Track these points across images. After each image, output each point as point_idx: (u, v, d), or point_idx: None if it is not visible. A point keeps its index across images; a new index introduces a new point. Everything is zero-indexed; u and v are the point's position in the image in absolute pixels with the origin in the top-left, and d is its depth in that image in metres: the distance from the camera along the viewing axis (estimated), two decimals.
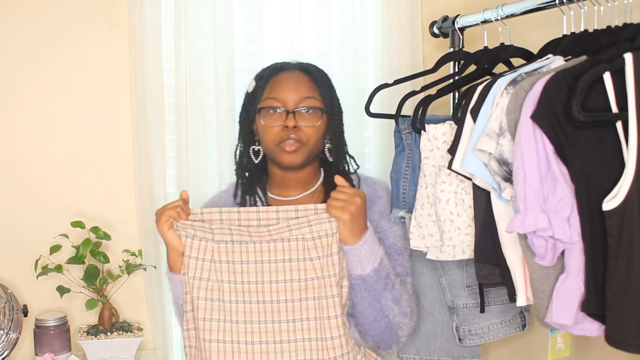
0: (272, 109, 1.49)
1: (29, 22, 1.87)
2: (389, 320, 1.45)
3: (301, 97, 1.49)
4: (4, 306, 1.81)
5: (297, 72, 1.54)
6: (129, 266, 1.87)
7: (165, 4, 1.90)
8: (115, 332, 1.85)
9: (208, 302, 1.38)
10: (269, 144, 1.50)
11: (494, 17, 1.59)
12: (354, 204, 1.38)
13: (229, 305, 1.38)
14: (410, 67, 2.03)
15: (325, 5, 2.02)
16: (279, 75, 1.53)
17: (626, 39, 1.21)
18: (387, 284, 1.43)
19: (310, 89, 1.51)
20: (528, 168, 1.17)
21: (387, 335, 1.47)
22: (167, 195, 1.93)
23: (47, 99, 1.91)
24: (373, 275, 1.41)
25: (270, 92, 1.51)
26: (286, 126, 1.46)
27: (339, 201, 1.38)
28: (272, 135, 1.49)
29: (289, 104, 1.49)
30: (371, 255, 1.41)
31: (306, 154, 1.50)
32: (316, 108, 1.50)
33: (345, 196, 1.38)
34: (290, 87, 1.50)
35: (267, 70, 1.56)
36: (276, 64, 1.57)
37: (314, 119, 1.50)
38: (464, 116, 1.35)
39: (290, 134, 1.47)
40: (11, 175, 1.90)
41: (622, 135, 1.13)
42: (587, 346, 1.70)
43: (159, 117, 1.89)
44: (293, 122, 1.47)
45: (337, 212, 1.37)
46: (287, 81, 1.51)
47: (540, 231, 1.17)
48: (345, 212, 1.36)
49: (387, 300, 1.44)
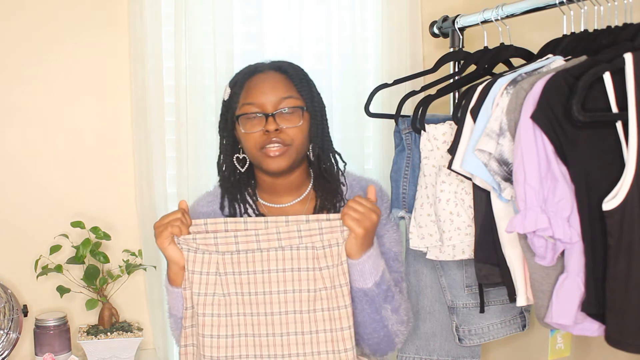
0: (250, 115, 1.42)
1: (30, 23, 1.87)
2: (387, 329, 1.44)
3: (279, 97, 1.42)
4: (4, 306, 1.81)
5: (272, 72, 1.47)
6: (129, 266, 1.87)
7: (165, 4, 1.90)
8: (115, 332, 1.85)
9: (215, 319, 1.33)
10: (252, 150, 1.43)
11: (494, 17, 1.59)
12: (370, 220, 1.33)
13: (236, 319, 1.33)
14: (410, 67, 2.03)
15: (325, 5, 2.02)
16: (253, 78, 1.46)
17: (626, 39, 1.21)
18: (387, 296, 1.40)
19: (287, 88, 1.44)
20: (528, 168, 1.17)
21: (384, 343, 1.46)
22: (167, 195, 1.93)
23: (48, 99, 1.91)
24: (375, 289, 1.38)
25: (247, 97, 1.43)
26: (267, 130, 1.39)
27: (357, 213, 1.33)
28: (253, 141, 1.42)
29: (267, 106, 1.41)
30: (374, 269, 1.37)
31: (292, 156, 1.43)
32: (296, 107, 1.43)
33: (363, 209, 1.33)
34: (266, 90, 1.42)
35: (240, 74, 1.48)
36: (249, 66, 1.51)
37: (295, 119, 1.42)
38: (464, 116, 1.35)
39: (272, 138, 1.40)
40: (11, 175, 1.90)
41: (622, 135, 1.13)
42: (587, 346, 1.70)
43: (159, 117, 1.89)
44: (274, 126, 1.39)
45: (353, 224, 1.32)
46: (262, 83, 1.43)
47: (540, 231, 1.17)
48: (360, 226, 1.32)
49: (386, 311, 1.41)
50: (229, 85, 1.50)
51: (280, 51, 1.98)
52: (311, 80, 1.50)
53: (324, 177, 1.51)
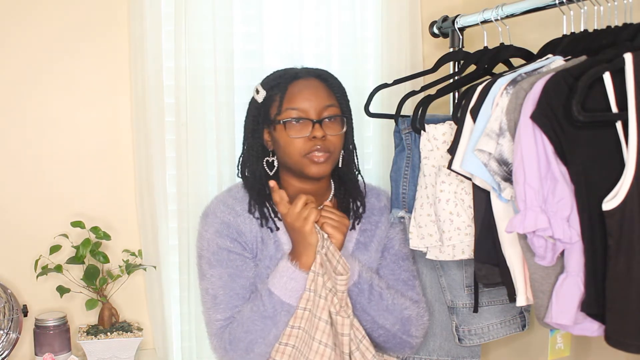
0: (294, 120, 1.44)
1: (29, 24, 1.87)
2: (386, 329, 1.48)
3: (323, 105, 1.45)
4: (4, 306, 1.81)
5: (313, 79, 1.49)
6: (128, 266, 1.87)
7: (165, 4, 1.90)
8: (115, 332, 1.85)
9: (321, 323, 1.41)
10: (295, 156, 1.45)
11: (493, 17, 1.59)
12: (345, 225, 1.45)
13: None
14: (410, 67, 2.03)
15: (325, 5, 2.01)
16: (295, 83, 1.47)
17: (626, 39, 1.21)
18: (371, 297, 1.46)
19: (329, 96, 1.48)
20: (528, 168, 1.17)
21: (392, 342, 1.51)
22: (167, 195, 1.93)
23: (47, 99, 1.91)
24: (354, 289, 1.45)
25: (290, 102, 1.45)
26: (314, 137, 1.42)
27: (333, 220, 1.43)
28: (298, 147, 1.44)
29: (312, 113, 1.44)
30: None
31: (333, 163, 1.48)
32: (338, 116, 1.48)
33: (337, 217, 1.44)
34: (310, 96, 1.45)
35: (280, 79, 1.49)
36: (286, 70, 1.52)
37: (337, 127, 1.47)
38: (463, 116, 1.35)
39: (318, 145, 1.43)
40: (11, 175, 1.90)
41: (622, 136, 1.13)
42: (587, 346, 1.70)
43: (159, 117, 1.89)
44: (321, 132, 1.43)
45: (333, 231, 1.42)
46: (305, 90, 1.46)
47: (540, 231, 1.17)
48: (339, 231, 1.43)
49: (376, 312, 1.46)
50: (264, 87, 1.49)
51: (280, 51, 1.98)
52: (345, 90, 1.55)
53: (345, 184, 1.56)
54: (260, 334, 1.41)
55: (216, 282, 1.47)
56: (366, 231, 1.57)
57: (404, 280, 1.56)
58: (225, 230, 1.48)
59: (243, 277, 1.48)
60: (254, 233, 1.49)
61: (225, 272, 1.47)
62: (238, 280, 1.47)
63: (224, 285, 1.47)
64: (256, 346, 1.42)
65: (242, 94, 1.91)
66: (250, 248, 1.49)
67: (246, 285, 1.47)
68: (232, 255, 1.48)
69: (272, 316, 1.41)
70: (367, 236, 1.56)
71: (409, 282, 1.56)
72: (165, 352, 1.96)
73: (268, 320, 1.41)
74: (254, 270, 1.49)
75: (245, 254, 1.49)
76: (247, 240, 1.49)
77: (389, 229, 1.59)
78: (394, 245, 1.57)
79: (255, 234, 1.49)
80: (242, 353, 1.43)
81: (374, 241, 1.57)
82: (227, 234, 1.48)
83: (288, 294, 1.40)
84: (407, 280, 1.56)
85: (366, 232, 1.57)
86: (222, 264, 1.48)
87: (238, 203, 1.52)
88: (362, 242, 1.56)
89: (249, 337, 1.42)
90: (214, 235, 1.49)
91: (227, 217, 1.50)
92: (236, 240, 1.48)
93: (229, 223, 1.49)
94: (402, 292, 1.54)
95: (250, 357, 1.43)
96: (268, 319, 1.41)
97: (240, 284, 1.47)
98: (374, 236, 1.57)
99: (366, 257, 1.54)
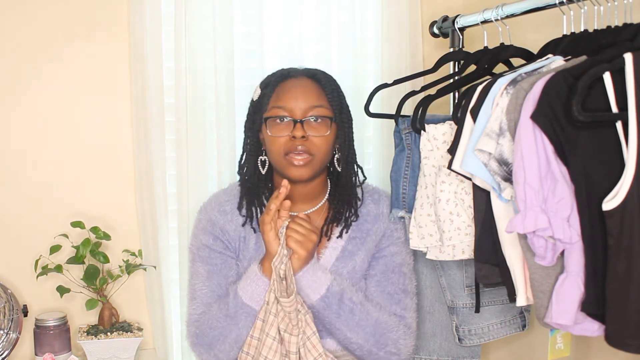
0: (278, 118, 1.43)
1: (29, 23, 1.87)
2: (359, 344, 1.44)
3: (309, 105, 1.43)
4: (4, 306, 1.81)
5: (305, 79, 1.47)
6: (128, 266, 1.88)
7: (165, 4, 1.90)
8: (115, 332, 1.85)
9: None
10: (276, 155, 1.44)
11: (494, 17, 1.59)
12: (311, 241, 1.39)
13: None
14: (410, 67, 2.03)
15: (325, 5, 2.02)
16: (286, 82, 1.46)
17: (626, 39, 1.21)
18: (340, 311, 1.41)
19: (318, 96, 1.45)
20: (528, 168, 1.17)
21: (369, 358, 1.46)
22: (167, 195, 1.93)
23: (47, 98, 1.91)
24: (321, 303, 1.41)
25: (277, 100, 1.44)
26: (294, 136, 1.40)
27: (298, 234, 1.38)
28: (279, 145, 1.42)
29: (297, 112, 1.42)
30: (313, 283, 1.40)
31: (315, 167, 1.44)
32: (325, 117, 1.44)
33: (304, 230, 1.39)
34: (297, 95, 1.43)
35: (273, 77, 1.49)
36: (282, 70, 1.51)
37: (322, 129, 1.44)
38: (463, 116, 1.35)
39: (298, 145, 1.40)
40: (11, 175, 1.90)
41: (622, 135, 1.13)
42: (587, 346, 1.70)
43: (159, 117, 1.89)
44: (301, 132, 1.40)
45: (296, 246, 1.38)
46: (294, 89, 1.44)
47: (540, 231, 1.17)
48: (303, 247, 1.38)
49: (346, 327, 1.42)
50: (260, 86, 1.50)
51: (280, 51, 1.98)
52: (342, 92, 1.52)
53: (340, 189, 1.53)
54: (221, 332, 1.43)
55: (197, 277, 1.51)
56: (355, 239, 1.52)
57: (389, 293, 1.50)
58: (210, 228, 1.51)
59: (221, 275, 1.49)
60: (238, 232, 1.50)
61: (205, 269, 1.50)
62: (215, 278, 1.49)
63: (202, 282, 1.50)
64: (218, 344, 1.44)
65: (242, 94, 1.91)
66: (233, 247, 1.50)
67: (223, 284, 1.49)
68: (213, 253, 1.50)
69: (233, 316, 1.41)
70: (354, 244, 1.52)
71: (395, 295, 1.50)
72: (165, 352, 1.96)
73: (229, 319, 1.42)
74: (235, 270, 1.50)
75: (227, 252, 1.50)
76: (230, 239, 1.50)
77: (381, 239, 1.54)
78: (384, 255, 1.52)
79: (239, 234, 1.50)
80: (206, 348, 1.46)
81: (362, 250, 1.52)
82: (212, 231, 1.50)
83: (249, 296, 1.41)
84: (393, 293, 1.50)
85: (355, 239, 1.52)
86: (203, 260, 1.51)
87: (230, 201, 1.53)
88: (349, 250, 1.51)
89: (212, 333, 1.44)
90: (201, 231, 1.52)
91: (215, 214, 1.51)
92: (219, 239, 1.50)
93: (215, 221, 1.51)
94: (384, 306, 1.49)
95: (214, 354, 1.45)
96: (229, 318, 1.42)
97: (217, 282, 1.49)
98: (363, 244, 1.52)
99: (351, 266, 1.50)
